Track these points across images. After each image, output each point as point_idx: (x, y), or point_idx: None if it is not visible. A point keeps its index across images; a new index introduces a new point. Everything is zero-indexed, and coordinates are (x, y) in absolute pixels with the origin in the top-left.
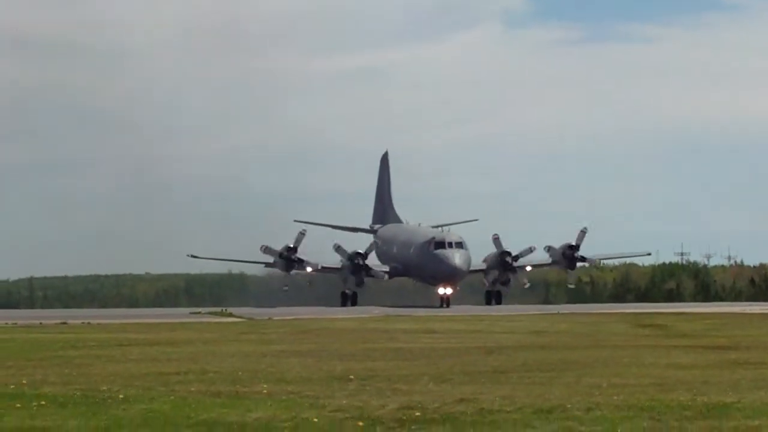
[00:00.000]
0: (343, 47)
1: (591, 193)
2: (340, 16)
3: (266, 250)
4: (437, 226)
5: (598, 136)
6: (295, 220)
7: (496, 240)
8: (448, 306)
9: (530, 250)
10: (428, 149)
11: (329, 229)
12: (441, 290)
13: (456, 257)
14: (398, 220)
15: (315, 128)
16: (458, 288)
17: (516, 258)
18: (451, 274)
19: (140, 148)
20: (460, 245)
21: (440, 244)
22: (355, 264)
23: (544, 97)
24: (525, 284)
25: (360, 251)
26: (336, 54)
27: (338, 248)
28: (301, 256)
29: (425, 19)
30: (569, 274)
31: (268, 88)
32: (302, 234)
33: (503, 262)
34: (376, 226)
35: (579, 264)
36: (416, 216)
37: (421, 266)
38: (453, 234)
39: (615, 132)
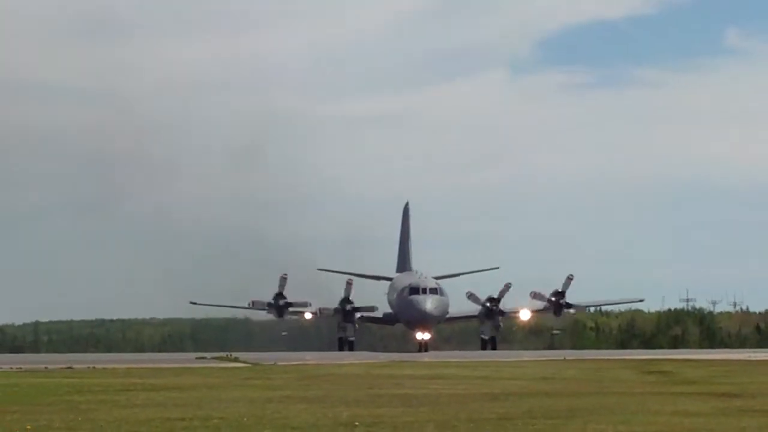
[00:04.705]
0: (350, 93)
1: (597, 237)
2: (343, 61)
3: (254, 304)
4: (453, 275)
5: (604, 180)
6: (318, 269)
7: (471, 296)
8: (426, 351)
9: (507, 288)
10: (442, 194)
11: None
12: (419, 335)
13: (428, 303)
14: (410, 269)
15: (324, 173)
16: (434, 333)
17: (498, 300)
18: (422, 319)
19: (146, 192)
20: (434, 291)
21: (414, 290)
22: (345, 310)
23: (553, 141)
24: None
25: (350, 298)
26: (342, 99)
27: (350, 284)
28: (289, 300)
29: (431, 65)
30: (555, 319)
31: (278, 133)
32: (284, 278)
33: (488, 310)
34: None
35: (565, 310)
36: (435, 264)
37: (400, 311)
38: (429, 280)
39: (621, 176)
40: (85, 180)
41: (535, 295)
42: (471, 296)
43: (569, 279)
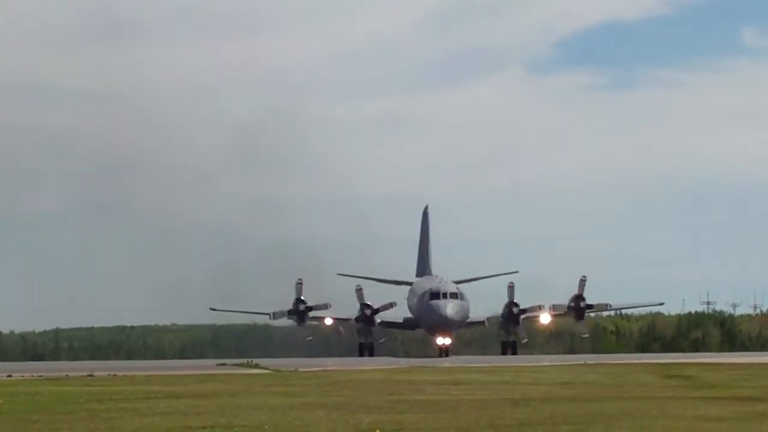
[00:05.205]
0: (364, 93)
1: (615, 239)
2: (356, 62)
3: (275, 315)
4: (472, 279)
5: (623, 181)
6: (339, 274)
7: (510, 288)
8: (446, 356)
9: (539, 308)
10: (456, 195)
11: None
12: (440, 340)
13: (448, 307)
14: (431, 273)
15: (337, 174)
16: (454, 338)
17: (523, 311)
18: (443, 324)
19: (161, 196)
20: (455, 296)
21: (435, 295)
22: (364, 315)
23: (570, 142)
24: (523, 339)
25: (369, 303)
26: (356, 100)
27: (360, 291)
28: (309, 303)
29: (447, 66)
30: (580, 324)
31: (294, 134)
32: (299, 284)
33: (510, 314)
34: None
35: (587, 313)
36: (451, 266)
37: (421, 316)
38: (449, 285)
39: (641, 177)
40: (103, 185)
41: (555, 308)
42: (487, 319)
43: (582, 281)
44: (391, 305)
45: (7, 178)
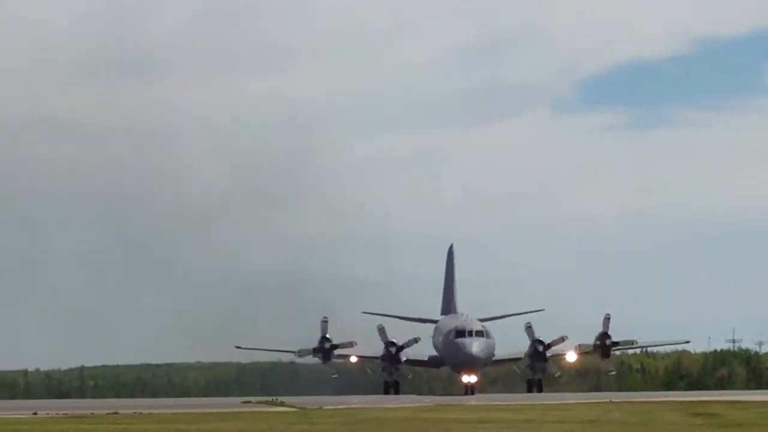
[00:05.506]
0: (388, 131)
1: (639, 277)
2: (382, 100)
3: (300, 353)
4: (497, 317)
5: (646, 219)
6: (364, 312)
7: (529, 329)
8: (472, 394)
9: (562, 339)
10: (481, 234)
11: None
12: (465, 378)
13: (474, 345)
14: (456, 311)
15: (363, 212)
16: (480, 376)
17: (548, 347)
18: (468, 362)
19: (189, 234)
20: (480, 334)
21: (461, 333)
22: (389, 353)
23: (594, 181)
24: (555, 373)
25: (394, 341)
26: (381, 138)
27: (382, 330)
28: (334, 342)
29: (472, 104)
30: (606, 361)
31: (317, 170)
32: (325, 322)
33: (536, 351)
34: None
35: (613, 351)
36: (481, 304)
37: (446, 354)
38: (475, 323)
39: (666, 216)
40: (126, 222)
41: (580, 347)
42: (529, 328)
43: (607, 318)
44: (415, 340)
45: (29, 215)
